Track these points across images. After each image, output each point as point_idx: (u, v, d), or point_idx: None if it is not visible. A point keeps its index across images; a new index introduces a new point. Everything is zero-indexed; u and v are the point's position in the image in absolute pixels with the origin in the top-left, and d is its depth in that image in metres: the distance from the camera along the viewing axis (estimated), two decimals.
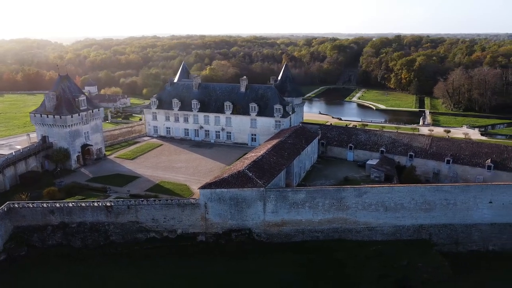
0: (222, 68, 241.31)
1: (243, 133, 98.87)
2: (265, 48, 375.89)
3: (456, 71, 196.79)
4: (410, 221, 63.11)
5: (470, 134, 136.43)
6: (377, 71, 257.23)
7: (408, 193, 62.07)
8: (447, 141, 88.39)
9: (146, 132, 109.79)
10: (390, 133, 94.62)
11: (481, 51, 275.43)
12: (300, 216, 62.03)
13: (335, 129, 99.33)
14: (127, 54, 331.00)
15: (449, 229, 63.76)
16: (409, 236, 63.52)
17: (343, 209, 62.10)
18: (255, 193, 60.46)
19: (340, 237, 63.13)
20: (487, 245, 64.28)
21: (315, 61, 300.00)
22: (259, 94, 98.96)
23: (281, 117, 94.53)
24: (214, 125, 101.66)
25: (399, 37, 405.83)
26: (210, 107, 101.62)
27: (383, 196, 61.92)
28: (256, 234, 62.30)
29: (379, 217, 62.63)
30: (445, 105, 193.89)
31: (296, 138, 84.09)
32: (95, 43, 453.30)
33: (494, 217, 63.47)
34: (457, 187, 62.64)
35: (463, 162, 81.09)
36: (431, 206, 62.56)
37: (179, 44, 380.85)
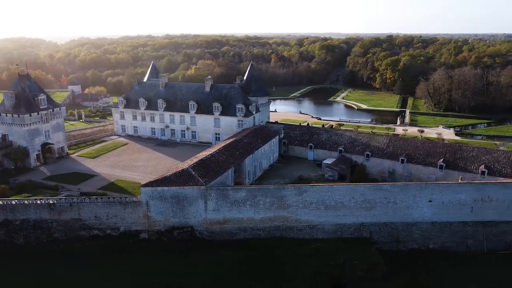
0: (207, 67, 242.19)
1: (207, 132, 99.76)
2: (256, 48, 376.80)
3: (438, 71, 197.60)
4: (351, 220, 63.95)
5: (444, 134, 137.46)
6: (363, 71, 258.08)
7: (348, 192, 62.91)
8: (405, 140, 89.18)
9: (115, 131, 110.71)
10: (350, 133, 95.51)
11: (468, 51, 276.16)
12: (241, 214, 62.89)
13: (298, 129, 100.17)
14: (117, 54, 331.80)
15: (390, 227, 64.60)
16: (350, 234, 64.36)
17: (284, 207, 62.94)
18: (196, 191, 61.33)
19: (282, 235, 63.97)
20: (427, 244, 65.16)
21: (304, 61, 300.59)
22: (223, 94, 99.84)
23: (243, 116, 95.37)
24: (180, 124, 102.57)
25: (391, 37, 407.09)
26: (176, 107, 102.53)
27: (323, 194, 62.76)
28: (199, 231, 63.19)
29: (320, 215, 63.48)
30: (426, 105, 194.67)
31: (253, 137, 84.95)
32: (88, 42, 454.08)
33: (434, 216, 64.33)
34: (397, 186, 63.52)
35: (416, 162, 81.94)
36: (371, 205, 63.41)
37: (171, 43, 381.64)
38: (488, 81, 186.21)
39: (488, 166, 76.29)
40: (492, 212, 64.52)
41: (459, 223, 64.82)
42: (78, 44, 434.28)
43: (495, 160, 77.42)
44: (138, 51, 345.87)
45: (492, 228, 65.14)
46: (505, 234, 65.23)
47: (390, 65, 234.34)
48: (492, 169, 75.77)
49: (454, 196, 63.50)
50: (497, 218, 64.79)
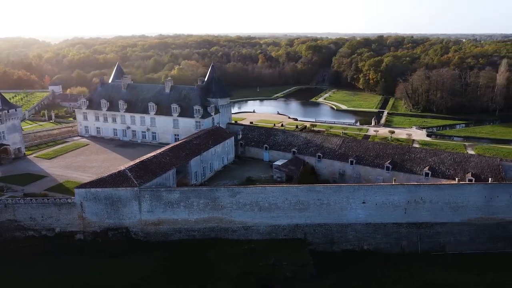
0: (191, 68, 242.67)
1: (167, 133, 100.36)
2: (246, 48, 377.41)
3: (417, 72, 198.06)
4: (286, 221, 64.55)
5: (415, 135, 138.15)
6: (347, 71, 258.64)
7: (282, 194, 63.51)
8: (357, 142, 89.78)
9: (78, 132, 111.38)
10: (306, 134, 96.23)
11: (453, 52, 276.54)
12: (176, 216, 63.52)
13: (257, 130, 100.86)
14: (106, 54, 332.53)
15: (324, 228, 65.20)
16: (285, 235, 64.95)
17: (218, 209, 63.57)
18: (130, 192, 61.98)
19: (217, 236, 64.58)
20: (362, 245, 65.75)
21: (291, 61, 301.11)
22: (182, 95, 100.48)
23: (201, 117, 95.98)
24: (140, 125, 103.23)
25: (382, 38, 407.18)
26: (136, 108, 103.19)
27: (257, 196, 63.38)
28: (134, 232, 63.80)
29: (255, 216, 64.09)
30: (405, 106, 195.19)
31: (205, 138, 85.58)
32: (80, 42, 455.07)
33: (369, 217, 64.94)
34: (330, 188, 64.14)
35: (365, 163, 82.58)
36: (305, 206, 64.01)
37: (161, 43, 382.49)
38: (467, 82, 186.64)
39: (432, 168, 76.96)
40: (426, 214, 65.14)
41: (393, 224, 65.43)
42: (70, 44, 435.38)
43: (440, 162, 78.07)
44: (127, 51, 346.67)
45: (426, 229, 65.77)
46: (439, 235, 65.86)
47: (373, 66, 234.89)
48: (436, 171, 76.45)
49: (387, 198, 64.10)
50: (431, 219, 65.41)
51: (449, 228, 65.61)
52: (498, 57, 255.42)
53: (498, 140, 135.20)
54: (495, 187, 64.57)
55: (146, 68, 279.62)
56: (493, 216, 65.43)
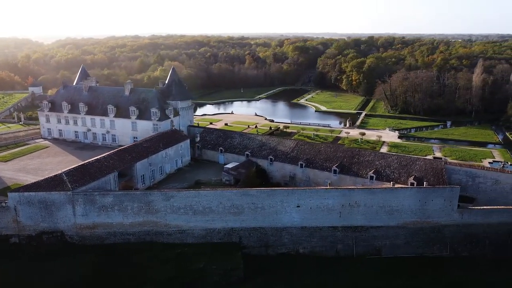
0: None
1: (126, 136, 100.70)
2: (236, 49, 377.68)
3: (396, 74, 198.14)
4: (221, 224, 64.84)
5: (385, 137, 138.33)
6: (331, 72, 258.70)
7: (216, 197, 63.79)
8: (310, 145, 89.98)
9: (41, 134, 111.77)
10: (261, 137, 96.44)
11: (439, 53, 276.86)
12: (110, 219, 63.82)
13: (215, 132, 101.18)
14: (94, 54, 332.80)
15: (259, 232, 65.44)
16: (220, 239, 65.22)
17: (152, 212, 63.88)
18: (63, 196, 62.29)
19: (152, 239, 64.86)
20: (297, 248, 66.01)
21: (277, 62, 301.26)
22: (141, 98, 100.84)
23: (158, 120, 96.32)
24: (100, 128, 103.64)
25: (372, 38, 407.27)
26: (97, 110, 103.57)
27: (191, 199, 63.67)
28: (69, 236, 64.11)
29: (189, 220, 64.38)
30: (384, 107, 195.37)
31: (156, 141, 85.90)
32: (72, 42, 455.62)
33: (304, 221, 65.21)
34: (263, 192, 64.36)
35: (314, 166, 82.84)
36: (239, 210, 64.28)
37: (150, 44, 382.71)
38: (445, 84, 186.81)
39: (378, 171, 77.23)
40: (361, 217, 65.39)
41: (329, 228, 65.69)
42: (61, 45, 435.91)
43: (387, 165, 78.35)
44: (116, 51, 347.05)
45: (362, 233, 65.99)
46: (375, 238, 66.10)
47: (355, 67, 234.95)
48: (381, 174, 76.73)
49: (321, 202, 64.34)
50: (366, 223, 65.65)
51: (385, 231, 65.84)
52: (484, 58, 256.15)
53: (470, 142, 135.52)
54: (428, 191, 64.81)
55: (132, 69, 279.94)
56: (428, 219, 65.68)
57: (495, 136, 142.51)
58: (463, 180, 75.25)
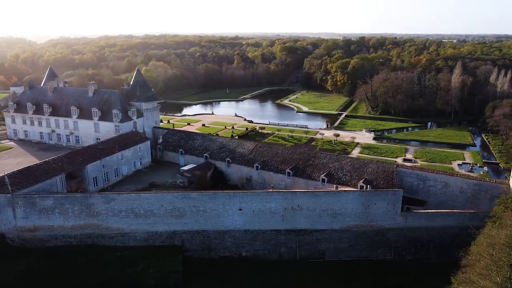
0: (158, 69, 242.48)
1: (89, 137, 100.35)
2: (226, 49, 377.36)
3: (379, 75, 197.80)
4: (163, 227, 64.64)
5: (359, 138, 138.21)
6: (317, 73, 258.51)
7: (157, 200, 63.60)
8: (268, 147, 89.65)
9: (8, 135, 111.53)
10: (223, 139, 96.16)
11: (426, 54, 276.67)
12: (51, 222, 63.62)
13: (178, 134, 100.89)
14: (83, 54, 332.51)
15: (202, 235, 65.26)
16: (162, 242, 65.03)
17: (93, 215, 63.67)
18: (3, 199, 62.07)
19: (93, 242, 64.64)
20: (240, 251, 65.84)
21: (265, 62, 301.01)
22: (104, 99, 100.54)
23: (119, 121, 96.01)
24: (64, 129, 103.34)
25: (363, 39, 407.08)
26: (61, 111, 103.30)
27: (132, 202, 63.48)
28: (10, 239, 63.89)
29: (131, 223, 64.19)
30: (366, 108, 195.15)
31: (112, 143, 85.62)
32: (63, 41, 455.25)
33: (246, 224, 65.02)
34: (205, 195, 64.14)
35: (269, 169, 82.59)
36: (181, 213, 64.09)
37: (140, 44, 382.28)
38: (425, 85, 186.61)
39: (331, 174, 77.00)
40: (304, 221, 65.22)
41: (272, 231, 65.52)
42: (52, 44, 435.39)
43: (340, 168, 78.11)
44: (105, 51, 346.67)
45: (305, 236, 65.83)
46: (318, 242, 65.92)
47: (340, 68, 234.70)
48: (333, 177, 76.47)
49: (264, 205, 64.17)
50: (309, 226, 65.49)
51: (328, 235, 65.67)
52: (470, 59, 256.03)
53: (445, 144, 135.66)
54: (371, 194, 64.64)
55: (120, 68, 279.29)
56: (372, 223, 65.50)
57: (469, 138, 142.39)
58: (415, 183, 75.10)
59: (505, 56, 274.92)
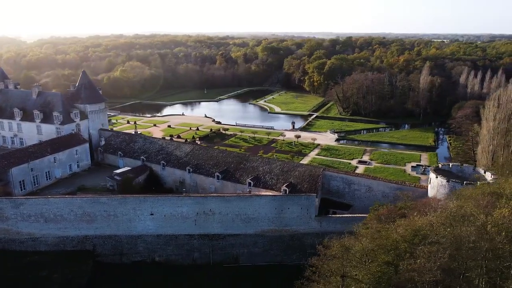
0: (135, 70, 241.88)
1: (33, 140, 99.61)
2: (211, 49, 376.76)
3: (352, 76, 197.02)
4: (74, 232, 64.18)
5: (320, 139, 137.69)
6: (296, 73, 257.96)
7: (66, 205, 63.14)
8: (205, 150, 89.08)
9: None
10: (163, 141, 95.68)
11: (407, 54, 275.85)
12: None
13: (122, 136, 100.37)
14: (66, 54, 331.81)
15: (114, 240, 64.77)
16: (74, 247, 64.57)
17: (3, 220, 63.25)
18: None
19: (4, 247, 64.19)
20: (153, 256, 65.35)
21: (247, 63, 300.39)
22: (46, 101, 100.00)
23: (60, 124, 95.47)
24: (9, 131, 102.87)
25: (350, 39, 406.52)
26: (6, 113, 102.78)
27: (41, 207, 63.02)
28: None
29: (42, 227, 63.73)
30: (337, 109, 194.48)
31: (44, 146, 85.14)
32: (51, 41, 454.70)
33: (158, 229, 64.56)
34: (115, 199, 63.66)
35: (200, 172, 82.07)
36: (92, 218, 63.61)
37: (125, 43, 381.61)
38: (397, 86, 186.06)
39: (258, 178, 76.48)
40: (217, 225, 64.73)
41: (185, 236, 65.03)
42: (39, 44, 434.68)
43: (269, 171, 77.56)
44: (89, 51, 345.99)
45: (219, 241, 65.33)
46: (232, 247, 65.42)
47: (317, 68, 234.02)
48: (260, 181, 75.95)
49: (175, 209, 63.69)
50: (222, 231, 65.00)
51: (242, 239, 65.16)
52: (451, 59, 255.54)
53: (406, 145, 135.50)
54: (283, 199, 64.16)
55: (100, 69, 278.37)
56: (286, 228, 64.98)
57: (431, 139, 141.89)
58: (341, 187, 74.61)
59: (487, 56, 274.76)
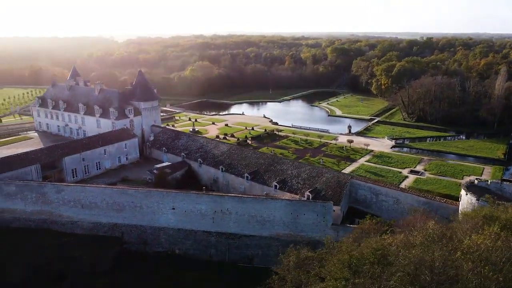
0: (203, 69, 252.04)
1: (93, 132, 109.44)
2: (283, 49, 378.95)
3: (420, 79, 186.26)
4: (105, 219, 69.91)
5: (374, 146, 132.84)
6: (364, 75, 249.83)
7: (99, 194, 69.03)
8: (240, 150, 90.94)
9: (35, 127, 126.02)
10: (204, 140, 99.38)
11: (492, 56, 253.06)
12: (15, 206, 72.03)
13: (168, 133, 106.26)
14: (147, 53, 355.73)
15: (139, 229, 69.33)
16: (105, 233, 70.29)
17: (47, 203, 70.93)
18: None
19: (49, 227, 71.87)
20: (173, 249, 68.73)
21: (315, 64, 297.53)
22: (106, 97, 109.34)
23: (115, 119, 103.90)
24: (75, 124, 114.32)
25: (430, 40, 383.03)
26: (73, 107, 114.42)
27: (79, 194, 69.64)
28: None
29: (79, 212, 70.40)
30: (403, 115, 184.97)
31: (97, 139, 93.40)
32: (137, 41, 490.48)
33: (179, 223, 67.81)
34: (140, 192, 68.06)
35: (232, 172, 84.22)
36: (121, 207, 68.80)
37: (201, 44, 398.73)
38: (469, 92, 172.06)
39: (285, 181, 76.69)
40: (233, 225, 66.22)
41: (203, 232, 67.46)
42: (126, 43, 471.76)
43: (297, 175, 77.43)
44: (167, 50, 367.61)
45: (235, 240, 66.73)
46: (247, 247, 66.42)
47: (385, 71, 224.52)
48: (286, 184, 76.11)
49: (194, 206, 66.41)
50: (238, 231, 66.32)
51: (257, 241, 65.88)
52: None
53: (472, 157, 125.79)
54: (299, 204, 63.61)
55: (175, 67, 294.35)
56: (301, 233, 64.41)
57: (500, 152, 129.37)
58: (368, 197, 71.97)
59: None
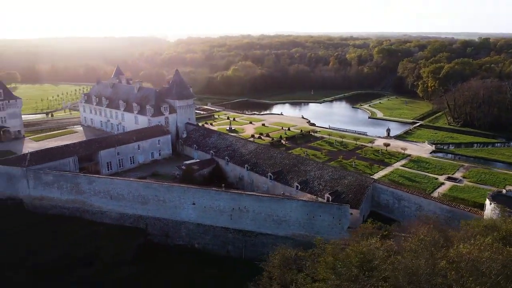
0: (246, 69, 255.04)
1: (131, 128, 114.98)
2: (329, 50, 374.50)
3: (467, 82, 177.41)
4: (131, 211, 73.61)
5: (416, 150, 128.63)
6: (410, 77, 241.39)
7: (126, 186, 72.82)
8: (267, 150, 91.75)
9: (80, 121, 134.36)
10: (233, 138, 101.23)
11: None
12: (52, 194, 77.70)
13: (201, 131, 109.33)
14: (194, 53, 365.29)
15: (162, 222, 72.33)
16: (130, 224, 74.02)
17: (80, 193, 75.84)
18: (20, 171, 78.15)
19: (81, 215, 76.81)
20: (193, 243, 71.06)
21: (360, 65, 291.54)
22: (144, 95, 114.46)
23: (151, 116, 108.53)
24: (115, 119, 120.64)
25: (487, 40, 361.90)
26: (114, 104, 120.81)
27: (108, 186, 73.84)
28: (26, 204, 79.70)
29: (108, 203, 74.65)
30: (449, 119, 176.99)
31: (131, 134, 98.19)
32: (186, 41, 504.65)
33: (199, 218, 70.03)
34: (163, 186, 70.96)
35: (256, 171, 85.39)
36: (145, 200, 72.18)
37: (247, 44, 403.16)
38: None
39: (306, 182, 76.78)
40: (250, 223, 67.37)
41: (222, 228, 69.19)
42: (177, 43, 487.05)
43: (320, 177, 77.24)
44: (214, 50, 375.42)
45: (252, 238, 67.85)
46: (264, 245, 67.11)
47: (432, 73, 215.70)
48: (308, 185, 76.16)
49: (213, 202, 68.30)
50: (255, 229, 67.38)
51: (273, 240, 66.35)
52: None
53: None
54: (314, 206, 63.51)
55: (220, 67, 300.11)
56: (317, 235, 63.82)
57: None
58: (390, 201, 70.40)
59: None
